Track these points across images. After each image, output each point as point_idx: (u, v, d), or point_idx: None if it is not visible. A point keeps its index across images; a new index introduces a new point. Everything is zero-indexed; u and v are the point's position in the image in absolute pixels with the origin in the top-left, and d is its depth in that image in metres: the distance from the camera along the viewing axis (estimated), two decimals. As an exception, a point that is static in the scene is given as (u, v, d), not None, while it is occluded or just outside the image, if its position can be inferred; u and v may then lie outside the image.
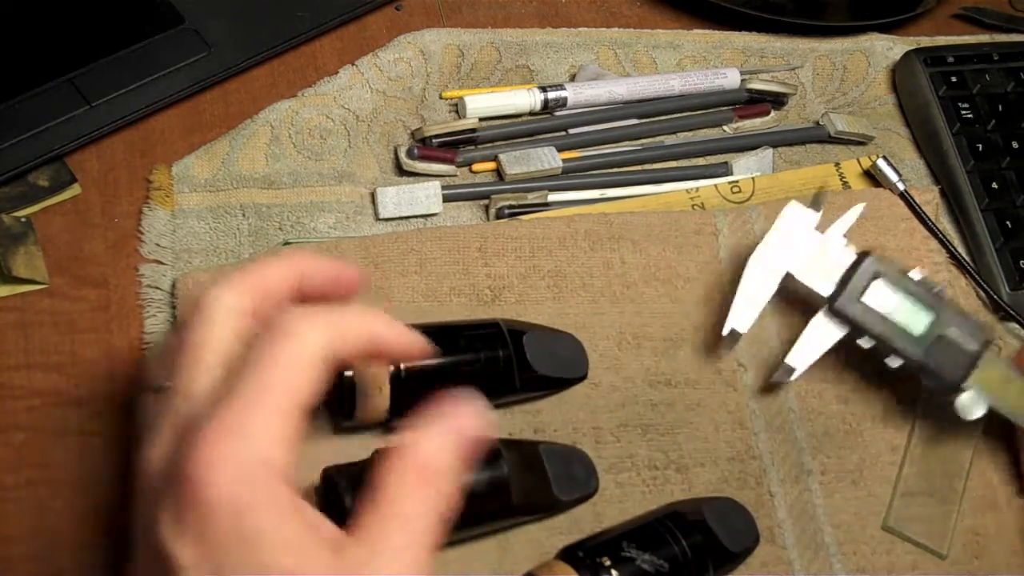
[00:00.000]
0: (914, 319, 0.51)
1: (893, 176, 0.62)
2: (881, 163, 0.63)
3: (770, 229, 0.54)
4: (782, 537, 0.52)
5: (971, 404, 0.50)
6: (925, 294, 0.52)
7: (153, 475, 0.34)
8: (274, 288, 0.39)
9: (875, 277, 0.51)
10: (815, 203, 0.54)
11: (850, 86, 0.71)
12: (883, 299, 0.51)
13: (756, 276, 0.53)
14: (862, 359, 0.54)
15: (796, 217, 0.54)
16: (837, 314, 0.52)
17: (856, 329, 0.52)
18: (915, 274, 0.52)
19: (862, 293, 0.51)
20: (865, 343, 0.52)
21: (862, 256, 0.52)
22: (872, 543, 0.53)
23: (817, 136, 0.67)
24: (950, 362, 0.51)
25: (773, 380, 0.54)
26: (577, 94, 0.64)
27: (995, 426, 0.56)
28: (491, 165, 0.62)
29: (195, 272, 0.54)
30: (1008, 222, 0.63)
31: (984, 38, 0.75)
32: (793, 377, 0.53)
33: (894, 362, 0.52)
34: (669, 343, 0.56)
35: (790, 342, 0.54)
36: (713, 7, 0.71)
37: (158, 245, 0.56)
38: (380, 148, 0.62)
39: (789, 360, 0.53)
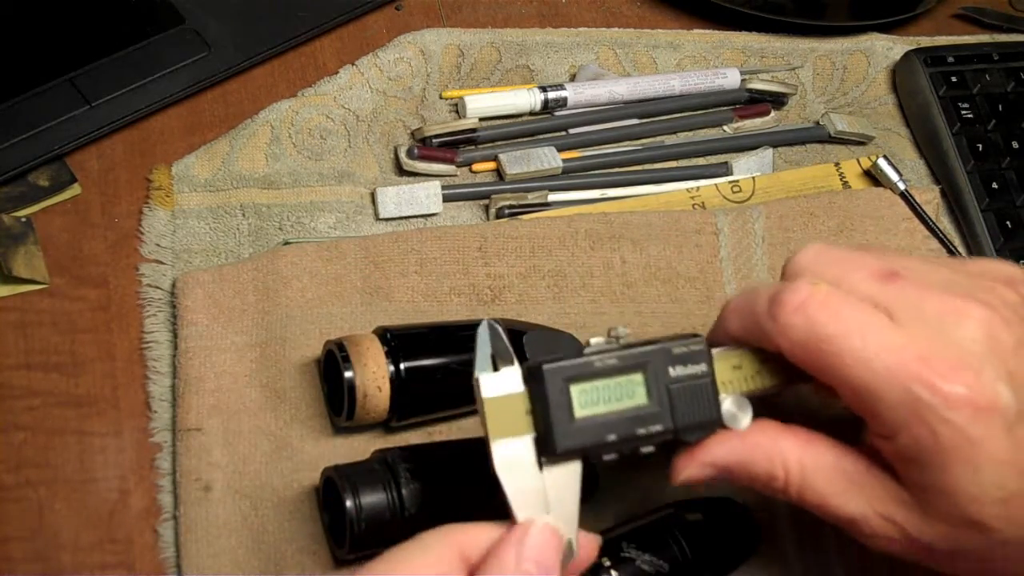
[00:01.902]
0: (631, 391, 0.41)
1: (894, 176, 0.62)
2: (882, 162, 0.63)
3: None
4: (783, 537, 0.52)
5: (736, 411, 0.42)
6: (617, 357, 0.41)
7: None
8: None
9: (568, 384, 0.40)
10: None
11: (850, 86, 0.71)
12: (591, 397, 0.40)
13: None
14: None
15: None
16: (564, 455, 0.40)
17: (592, 452, 0.40)
18: (594, 342, 0.42)
19: (570, 410, 0.39)
20: (609, 456, 0.41)
21: (533, 371, 0.40)
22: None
23: (817, 136, 0.67)
24: (696, 403, 0.41)
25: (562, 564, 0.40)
26: (577, 94, 0.64)
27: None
28: (491, 165, 0.62)
29: (195, 272, 0.54)
30: (1008, 222, 0.63)
31: (984, 38, 0.75)
32: (576, 548, 0.40)
33: (647, 448, 0.42)
34: (669, 343, 0.56)
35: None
36: (713, 7, 0.71)
37: (158, 245, 0.56)
38: (380, 148, 0.62)
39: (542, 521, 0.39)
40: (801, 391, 0.45)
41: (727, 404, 0.42)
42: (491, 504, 0.45)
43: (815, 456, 0.42)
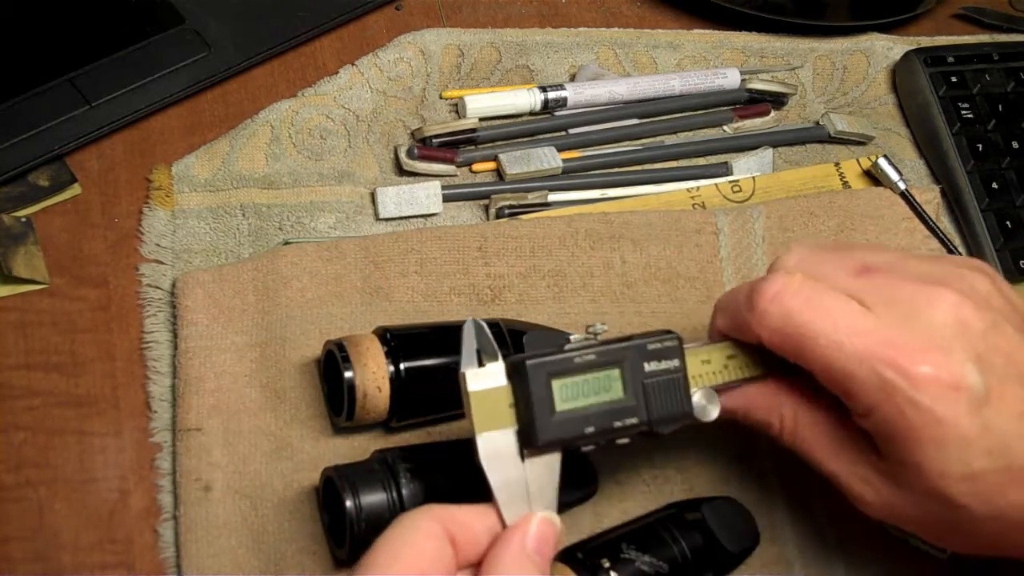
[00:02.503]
0: (608, 386, 0.43)
1: (894, 175, 0.62)
2: (882, 162, 0.63)
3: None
4: (783, 537, 0.52)
5: (705, 403, 0.44)
6: (596, 353, 0.43)
7: None
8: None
9: (549, 379, 0.42)
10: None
11: (850, 86, 0.71)
12: (571, 392, 0.42)
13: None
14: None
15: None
16: (545, 447, 0.42)
17: (571, 444, 0.42)
18: (573, 339, 0.44)
19: (551, 404, 0.42)
20: (587, 447, 0.43)
21: (517, 366, 0.42)
22: (873, 544, 0.53)
23: (817, 136, 0.67)
24: (668, 396, 0.43)
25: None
26: (577, 94, 0.64)
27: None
28: (491, 165, 0.62)
29: (195, 272, 0.54)
30: (1008, 222, 0.63)
31: (984, 38, 0.75)
32: (557, 523, 0.42)
33: (623, 440, 0.44)
34: (669, 343, 0.56)
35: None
36: (713, 7, 0.71)
37: (158, 245, 0.56)
38: (380, 148, 0.62)
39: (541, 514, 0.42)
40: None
41: (697, 397, 0.45)
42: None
43: (809, 413, 0.45)
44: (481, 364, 0.42)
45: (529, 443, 0.41)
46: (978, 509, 0.41)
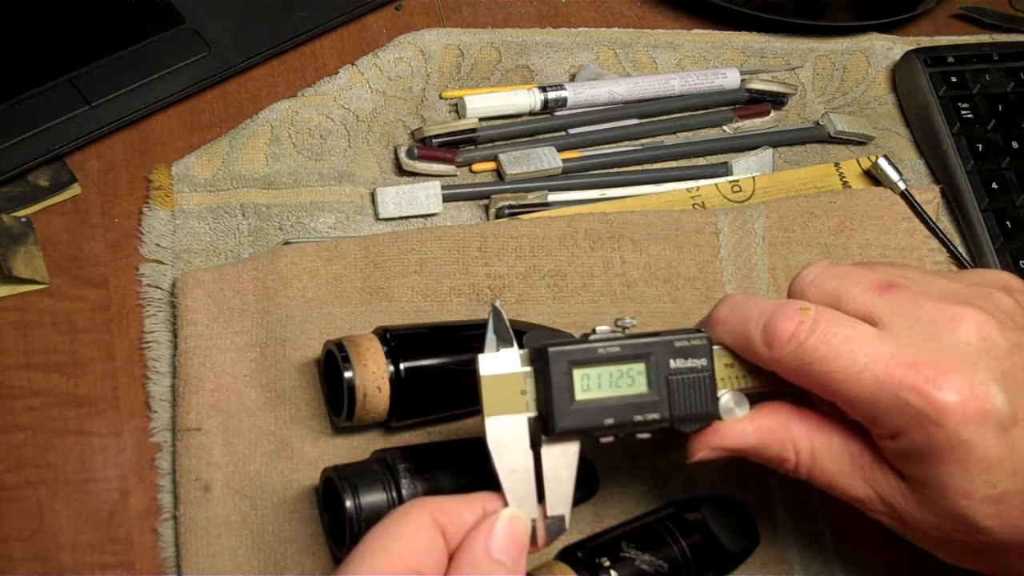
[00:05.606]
0: (631, 379, 0.43)
1: (894, 175, 0.62)
2: (882, 162, 0.63)
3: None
4: (783, 537, 0.52)
5: (734, 406, 0.44)
6: (620, 345, 0.43)
7: None
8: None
9: (571, 367, 0.42)
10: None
11: (850, 86, 0.71)
12: (593, 382, 0.42)
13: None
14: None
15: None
16: (562, 435, 0.42)
17: (589, 433, 0.43)
18: (599, 331, 0.43)
19: (571, 392, 0.42)
20: (606, 439, 0.43)
21: (539, 352, 0.42)
22: (873, 544, 0.53)
23: (817, 136, 0.67)
24: (694, 395, 0.43)
25: (550, 538, 0.43)
26: (577, 94, 0.64)
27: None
28: (491, 165, 0.62)
29: (195, 272, 0.54)
30: (1008, 222, 0.63)
31: (984, 38, 0.75)
32: (567, 524, 0.43)
33: (644, 435, 0.44)
34: (669, 343, 0.56)
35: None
36: (713, 7, 0.71)
37: (158, 245, 0.56)
38: (380, 148, 0.62)
39: (552, 512, 0.42)
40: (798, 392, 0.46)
41: (725, 399, 0.44)
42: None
43: (824, 439, 0.44)
44: (497, 349, 0.42)
45: (547, 430, 0.42)
46: (1000, 531, 0.40)
